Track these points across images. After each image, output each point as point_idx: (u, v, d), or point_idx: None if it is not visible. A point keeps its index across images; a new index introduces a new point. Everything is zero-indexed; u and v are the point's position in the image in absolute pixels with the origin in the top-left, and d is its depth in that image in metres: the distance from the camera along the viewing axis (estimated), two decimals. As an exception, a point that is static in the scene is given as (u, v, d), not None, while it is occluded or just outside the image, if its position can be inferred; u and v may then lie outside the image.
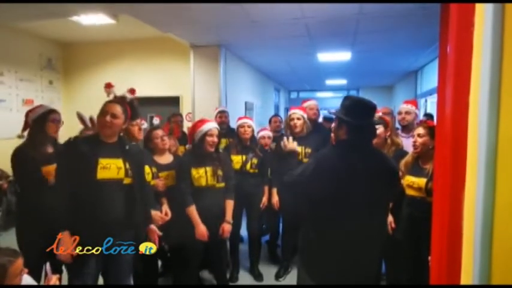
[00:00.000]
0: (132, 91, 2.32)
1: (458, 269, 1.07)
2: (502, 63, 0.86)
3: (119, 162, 2.08)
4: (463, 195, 1.04)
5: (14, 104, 5.33)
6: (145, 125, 3.06)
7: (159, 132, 2.87)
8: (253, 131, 3.39)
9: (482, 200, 0.92)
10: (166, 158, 2.90)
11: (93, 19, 4.15)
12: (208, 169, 2.74)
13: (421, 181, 2.37)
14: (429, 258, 1.32)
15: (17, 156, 2.51)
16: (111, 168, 2.04)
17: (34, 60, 5.73)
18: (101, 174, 2.00)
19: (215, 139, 2.74)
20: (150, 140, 2.87)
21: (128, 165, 2.11)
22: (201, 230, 2.66)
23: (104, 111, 2.06)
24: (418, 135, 2.44)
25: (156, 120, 3.30)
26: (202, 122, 2.81)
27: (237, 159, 3.27)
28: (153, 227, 2.31)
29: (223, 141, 3.96)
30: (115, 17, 4.04)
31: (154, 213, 2.53)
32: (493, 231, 0.92)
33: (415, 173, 2.45)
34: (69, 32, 5.45)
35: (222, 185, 2.81)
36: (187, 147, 3.06)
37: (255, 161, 3.32)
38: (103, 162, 2.02)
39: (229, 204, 2.87)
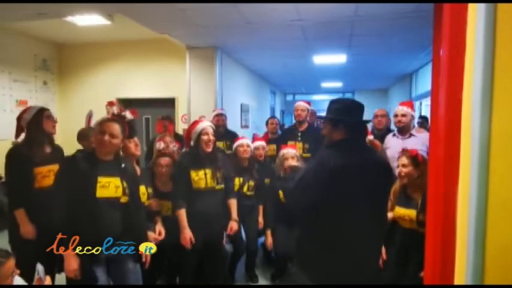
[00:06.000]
0: (133, 112, 2.31)
1: (451, 269, 1.07)
2: (495, 62, 0.87)
3: (117, 180, 2.08)
4: (456, 193, 1.05)
5: (7, 105, 5.29)
6: (162, 145, 3.00)
7: (164, 161, 2.83)
8: (251, 150, 3.33)
9: (476, 199, 0.92)
10: (167, 185, 2.83)
11: (88, 20, 4.14)
12: (208, 171, 2.70)
13: (412, 213, 2.36)
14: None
15: (12, 155, 2.49)
16: (109, 186, 2.04)
17: (28, 61, 5.69)
18: (100, 192, 2.01)
19: (210, 137, 2.70)
20: (155, 165, 2.86)
21: (125, 184, 2.12)
22: (186, 235, 2.60)
23: (102, 131, 2.05)
24: (403, 165, 2.43)
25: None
26: (196, 123, 2.79)
27: (234, 182, 3.17)
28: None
29: (220, 144, 3.94)
30: (110, 17, 4.04)
31: (148, 233, 2.50)
32: (486, 232, 0.93)
33: (405, 204, 2.44)
34: (64, 33, 5.43)
35: (221, 186, 2.78)
36: (184, 151, 3.01)
37: (252, 183, 3.29)
38: (102, 180, 2.02)
39: (233, 204, 2.86)
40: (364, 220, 1.80)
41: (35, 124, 2.53)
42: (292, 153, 3.10)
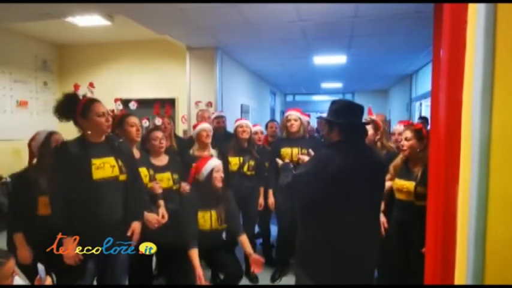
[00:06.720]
0: (91, 84, 2.33)
1: (452, 269, 1.07)
2: (495, 62, 0.87)
3: (111, 160, 2.09)
4: (456, 193, 1.05)
5: (8, 105, 5.29)
6: (147, 123, 3.02)
7: (159, 134, 2.83)
8: (251, 131, 3.40)
9: (476, 199, 0.92)
10: (162, 160, 2.87)
11: (89, 21, 4.14)
12: (213, 213, 2.67)
13: (410, 185, 2.38)
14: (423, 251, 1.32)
15: (19, 179, 2.46)
16: (105, 167, 2.04)
17: (29, 61, 5.69)
18: (97, 174, 2.01)
19: (222, 174, 2.69)
20: (148, 141, 2.84)
21: (120, 162, 2.12)
22: (199, 273, 2.51)
23: (100, 113, 2.05)
24: (406, 138, 2.46)
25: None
26: (204, 160, 2.73)
27: (234, 161, 3.25)
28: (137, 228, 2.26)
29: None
30: (111, 18, 4.04)
31: (151, 215, 2.50)
32: (486, 232, 0.92)
33: (404, 176, 2.46)
34: (65, 34, 5.43)
35: (224, 226, 2.75)
36: (189, 189, 2.86)
37: (252, 163, 3.33)
38: (96, 162, 2.02)
39: (244, 239, 2.76)
40: (358, 220, 1.83)
41: (43, 151, 2.46)
42: (295, 115, 3.28)
